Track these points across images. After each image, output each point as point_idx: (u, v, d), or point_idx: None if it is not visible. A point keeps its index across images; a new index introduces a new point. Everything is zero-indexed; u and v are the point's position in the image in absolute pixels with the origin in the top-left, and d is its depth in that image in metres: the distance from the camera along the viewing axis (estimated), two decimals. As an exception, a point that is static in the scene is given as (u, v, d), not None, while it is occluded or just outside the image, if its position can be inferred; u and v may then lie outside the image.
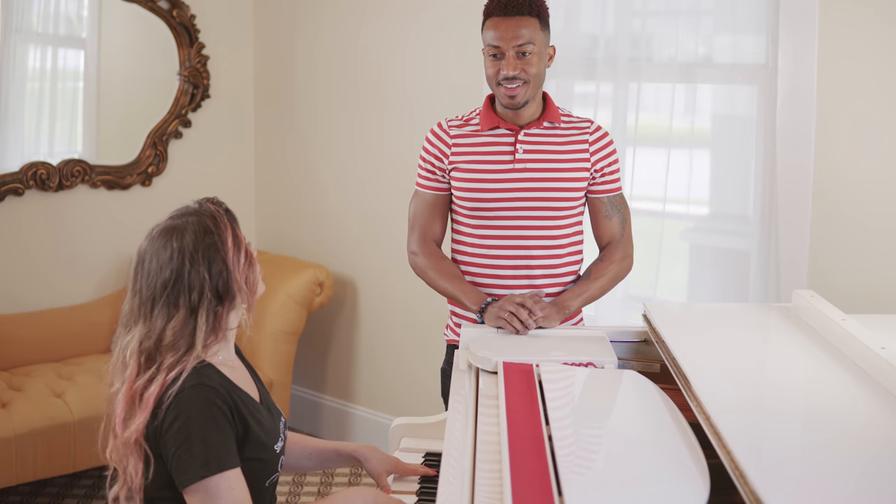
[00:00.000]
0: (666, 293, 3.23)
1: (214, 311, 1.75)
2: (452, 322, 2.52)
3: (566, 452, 1.57)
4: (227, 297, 1.76)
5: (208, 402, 1.69)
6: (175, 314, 1.72)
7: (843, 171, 2.85)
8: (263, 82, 4.29)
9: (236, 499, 1.68)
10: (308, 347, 4.18)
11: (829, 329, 2.03)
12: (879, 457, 1.49)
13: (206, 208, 1.78)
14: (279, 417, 1.93)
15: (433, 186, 2.47)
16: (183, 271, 1.72)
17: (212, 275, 1.73)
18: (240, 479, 1.70)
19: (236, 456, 1.71)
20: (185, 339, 1.73)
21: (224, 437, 1.69)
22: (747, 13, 2.99)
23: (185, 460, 1.66)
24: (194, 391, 1.69)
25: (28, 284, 3.79)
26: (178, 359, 1.72)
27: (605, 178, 2.43)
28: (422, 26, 3.71)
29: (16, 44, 3.77)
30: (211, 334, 1.75)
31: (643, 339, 2.32)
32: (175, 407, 1.68)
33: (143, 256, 1.75)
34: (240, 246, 1.79)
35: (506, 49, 2.28)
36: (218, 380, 1.74)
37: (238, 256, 1.77)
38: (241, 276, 1.77)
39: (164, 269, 1.72)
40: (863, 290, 2.83)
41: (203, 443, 1.66)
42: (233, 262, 1.76)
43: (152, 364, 1.73)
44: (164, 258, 1.72)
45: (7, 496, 3.45)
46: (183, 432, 1.67)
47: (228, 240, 1.77)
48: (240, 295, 1.78)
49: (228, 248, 1.76)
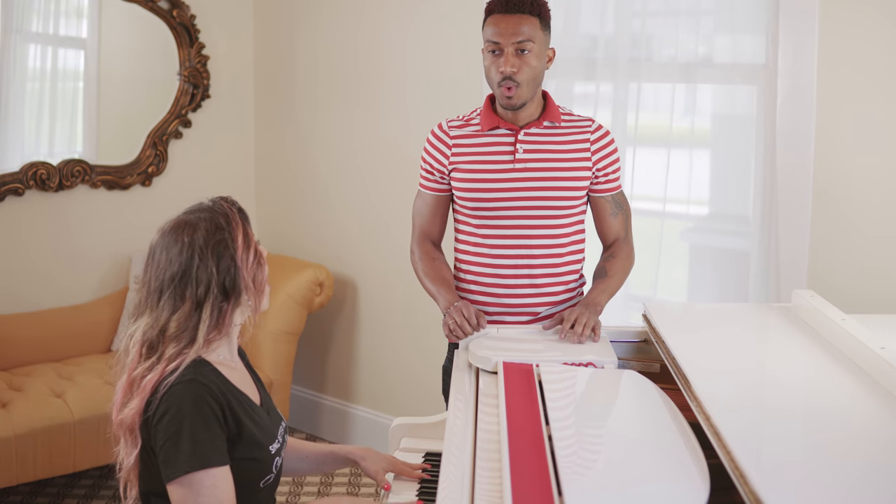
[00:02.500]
0: (666, 293, 3.23)
1: (220, 307, 1.76)
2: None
3: (566, 452, 1.57)
4: (234, 294, 1.77)
5: (199, 398, 1.69)
6: (181, 306, 1.74)
7: (842, 171, 2.85)
8: (263, 82, 4.29)
9: (219, 497, 1.68)
10: (308, 347, 4.19)
11: (829, 329, 2.03)
12: (879, 457, 1.49)
13: (219, 206, 1.80)
14: (279, 421, 1.93)
15: (433, 187, 2.48)
16: (191, 266, 1.74)
17: (219, 270, 1.75)
18: (225, 479, 1.70)
19: (224, 455, 1.71)
20: (189, 331, 1.74)
21: (212, 435, 1.70)
22: (747, 13, 2.99)
23: (171, 454, 1.67)
24: (187, 386, 1.70)
25: (28, 284, 3.80)
26: (179, 350, 1.73)
27: (607, 176, 2.43)
28: (420, 28, 3.71)
29: (16, 44, 3.77)
30: (214, 329, 1.77)
31: (643, 339, 2.32)
32: (166, 400, 1.69)
33: (153, 249, 1.78)
34: (249, 244, 1.80)
35: (505, 45, 2.29)
36: (213, 378, 1.74)
37: (247, 254, 1.79)
38: (248, 273, 1.79)
39: (172, 263, 1.74)
40: (863, 290, 2.83)
41: (190, 438, 1.67)
42: (241, 260, 1.77)
43: (153, 353, 1.75)
44: (174, 252, 1.74)
45: (7, 496, 3.45)
46: (172, 426, 1.68)
47: (239, 237, 1.78)
48: (246, 293, 1.79)
49: (238, 245, 1.78)
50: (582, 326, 2.18)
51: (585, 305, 2.30)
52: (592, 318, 2.22)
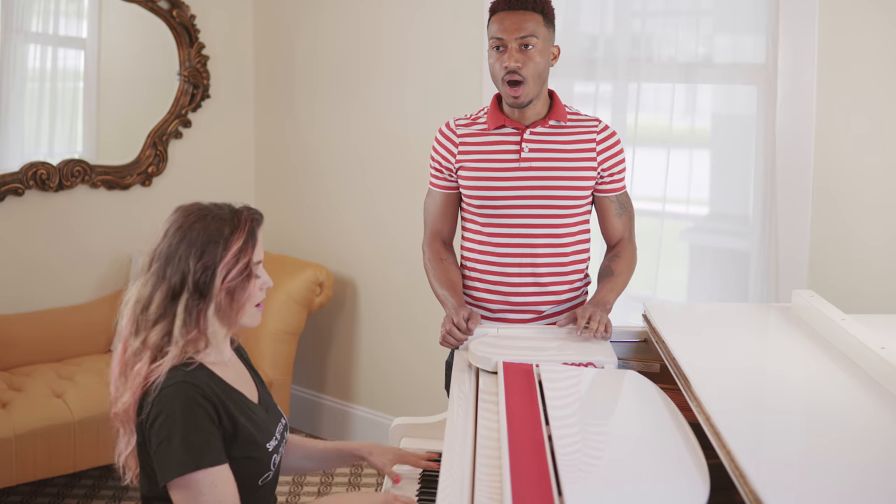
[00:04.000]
0: (666, 293, 3.23)
1: (196, 306, 1.75)
2: None
3: (566, 452, 1.57)
4: (207, 297, 1.76)
5: (190, 399, 1.69)
6: (161, 285, 1.75)
7: (842, 171, 2.85)
8: (263, 82, 4.29)
9: (220, 495, 1.68)
10: (308, 347, 4.19)
11: (829, 329, 2.03)
12: (879, 457, 1.49)
13: (236, 214, 1.81)
14: (278, 419, 1.93)
15: (442, 185, 2.49)
16: (177, 251, 1.75)
17: (196, 268, 1.74)
18: (225, 477, 1.70)
19: (221, 453, 1.71)
20: (166, 321, 1.74)
21: (207, 435, 1.70)
22: (747, 13, 2.99)
23: (165, 457, 1.68)
24: (177, 388, 1.70)
25: (28, 284, 3.79)
26: (158, 340, 1.73)
27: (612, 177, 2.44)
28: (420, 30, 3.71)
29: (16, 44, 3.77)
30: (193, 328, 1.75)
31: (643, 339, 2.33)
32: (158, 403, 1.70)
33: (166, 222, 1.81)
34: (240, 259, 1.77)
35: (508, 41, 2.30)
36: (204, 379, 1.74)
37: (232, 266, 1.77)
38: (224, 284, 1.76)
39: (166, 240, 1.77)
40: (863, 290, 2.83)
41: (183, 440, 1.67)
42: (222, 268, 1.76)
43: (140, 333, 1.76)
44: (171, 230, 1.78)
45: (7, 496, 3.45)
46: (163, 430, 1.68)
47: (233, 248, 1.77)
48: (217, 304, 1.76)
49: (228, 254, 1.76)
50: (597, 323, 2.20)
51: (596, 304, 2.31)
52: (605, 317, 2.24)
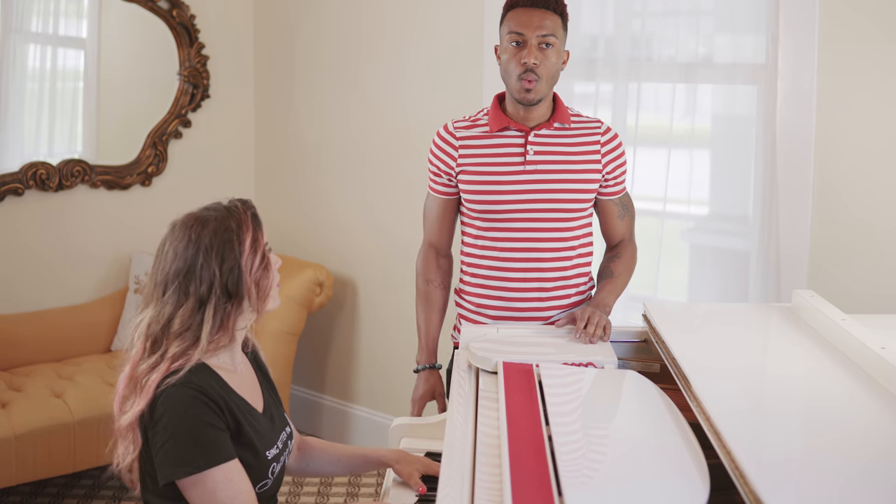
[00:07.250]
0: (666, 293, 3.23)
1: (224, 308, 1.75)
2: (460, 324, 2.51)
3: (566, 452, 1.56)
4: (237, 297, 1.76)
5: (195, 398, 1.69)
6: (185, 302, 1.74)
7: (842, 170, 2.85)
8: (263, 82, 4.29)
9: (237, 489, 1.68)
10: (308, 347, 4.18)
11: (829, 329, 2.02)
12: (879, 457, 1.49)
13: (233, 208, 1.80)
14: (282, 428, 1.92)
15: (441, 190, 2.44)
16: (196, 263, 1.74)
17: (222, 272, 1.74)
18: (238, 471, 1.70)
19: (231, 449, 1.71)
20: (192, 330, 1.73)
21: (217, 431, 1.70)
22: (747, 13, 2.98)
23: (176, 454, 1.67)
24: (182, 389, 1.69)
25: (28, 284, 3.79)
26: (182, 350, 1.73)
27: (615, 179, 2.42)
28: (424, 23, 3.71)
29: (16, 44, 3.77)
30: (219, 331, 1.76)
31: (643, 339, 2.32)
32: (164, 402, 1.69)
33: (163, 242, 1.79)
34: (257, 249, 1.79)
35: (529, 37, 2.25)
36: (210, 381, 1.74)
37: (253, 259, 1.78)
38: (252, 278, 1.77)
39: (178, 258, 1.75)
40: (863, 290, 2.83)
41: (194, 437, 1.67)
42: (246, 264, 1.76)
43: (157, 349, 1.74)
44: (181, 247, 1.75)
45: (7, 496, 3.45)
46: (169, 429, 1.67)
47: (247, 241, 1.77)
48: (248, 298, 1.78)
49: (245, 248, 1.77)
50: (594, 326, 2.18)
51: (595, 306, 2.30)
52: (604, 318, 2.23)
